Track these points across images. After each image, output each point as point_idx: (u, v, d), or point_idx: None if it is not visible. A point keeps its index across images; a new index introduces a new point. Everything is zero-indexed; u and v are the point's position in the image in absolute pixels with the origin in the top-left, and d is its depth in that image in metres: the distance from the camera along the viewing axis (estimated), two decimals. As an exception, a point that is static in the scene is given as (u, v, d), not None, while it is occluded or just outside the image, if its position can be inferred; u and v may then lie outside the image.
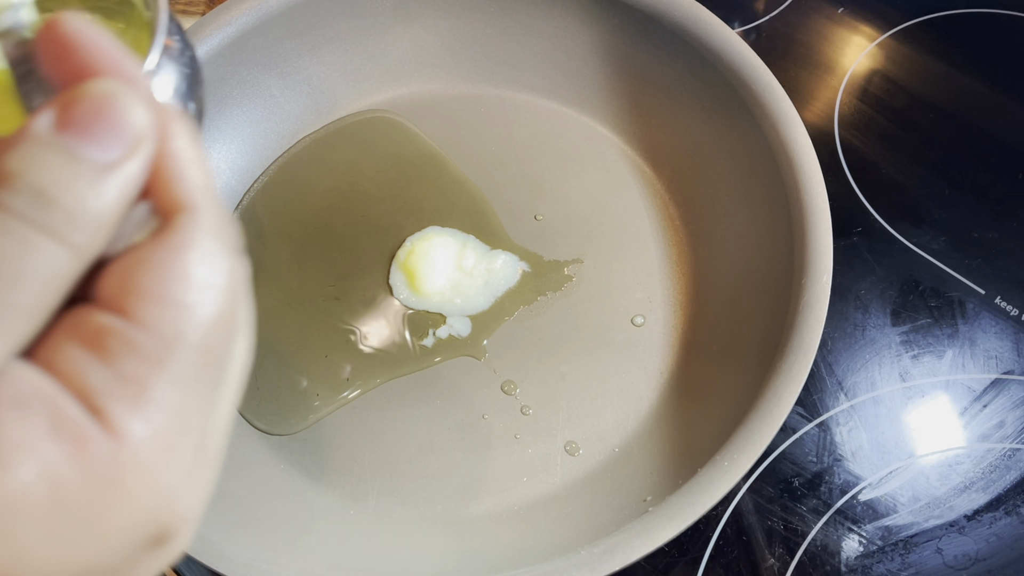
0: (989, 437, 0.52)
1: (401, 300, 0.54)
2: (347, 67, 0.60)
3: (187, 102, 0.33)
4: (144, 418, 0.17)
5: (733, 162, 0.53)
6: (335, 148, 0.59)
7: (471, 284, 0.53)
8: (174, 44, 0.30)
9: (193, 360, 0.18)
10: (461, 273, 0.54)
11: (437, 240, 0.55)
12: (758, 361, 0.45)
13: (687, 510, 0.40)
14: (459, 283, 0.53)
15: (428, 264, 0.53)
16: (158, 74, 0.27)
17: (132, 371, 0.17)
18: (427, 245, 0.54)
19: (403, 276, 0.54)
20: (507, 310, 0.53)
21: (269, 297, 0.54)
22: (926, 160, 0.62)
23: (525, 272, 0.54)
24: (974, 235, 0.58)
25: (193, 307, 0.18)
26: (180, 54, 0.31)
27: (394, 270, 0.55)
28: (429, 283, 0.53)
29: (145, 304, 0.18)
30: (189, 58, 0.33)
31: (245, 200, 0.57)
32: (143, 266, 0.18)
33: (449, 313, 0.53)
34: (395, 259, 0.55)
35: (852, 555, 0.49)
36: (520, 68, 0.60)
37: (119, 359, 0.17)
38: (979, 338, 0.55)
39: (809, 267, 0.45)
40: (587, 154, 0.59)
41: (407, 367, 0.52)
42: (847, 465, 0.51)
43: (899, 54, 0.67)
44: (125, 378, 0.17)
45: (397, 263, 0.55)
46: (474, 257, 0.54)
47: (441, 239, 0.55)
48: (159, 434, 0.18)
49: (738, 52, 0.50)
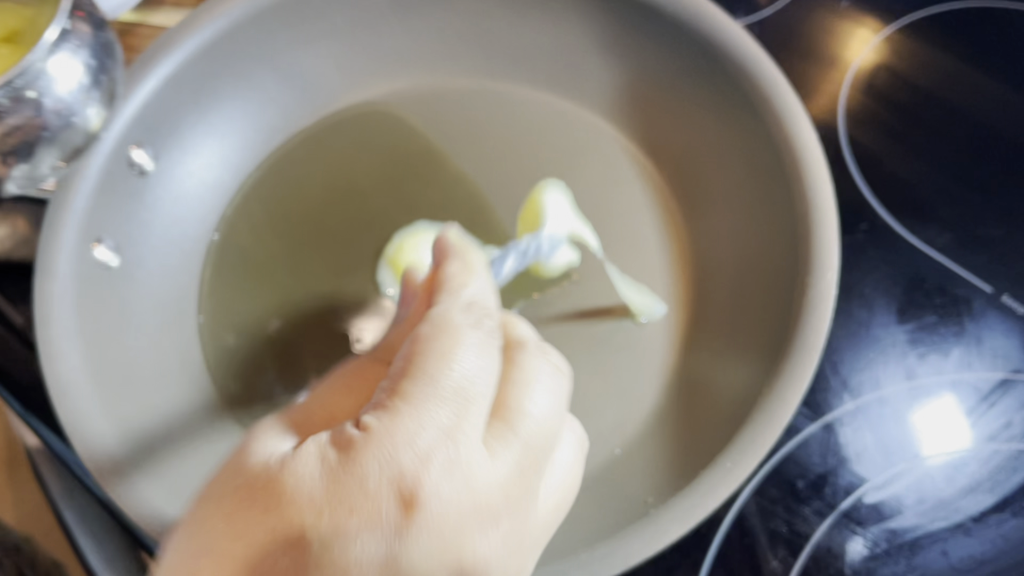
0: (996, 437, 0.51)
1: (390, 297, 0.53)
2: (342, 60, 0.59)
3: (98, 75, 0.34)
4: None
5: (736, 157, 0.52)
6: (330, 143, 0.59)
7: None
8: (84, 19, 0.31)
9: (529, 447, 0.25)
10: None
11: (427, 236, 0.54)
12: (762, 360, 0.44)
13: (689, 513, 0.39)
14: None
15: (417, 259, 0.52)
16: (62, 47, 0.28)
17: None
18: (416, 241, 0.53)
19: (391, 272, 0.53)
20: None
21: (262, 295, 0.53)
22: (932, 156, 0.61)
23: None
24: (981, 232, 0.58)
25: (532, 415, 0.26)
26: (92, 29, 0.32)
27: (382, 266, 0.54)
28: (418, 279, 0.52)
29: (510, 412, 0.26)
30: (100, 33, 0.34)
31: (238, 196, 0.57)
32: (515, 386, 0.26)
33: None
34: (383, 255, 0.54)
35: (857, 558, 0.48)
36: (519, 61, 0.59)
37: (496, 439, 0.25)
38: (986, 336, 0.54)
39: (814, 264, 0.44)
40: (587, 148, 0.58)
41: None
42: (852, 466, 0.50)
43: (905, 48, 0.66)
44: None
45: (385, 259, 0.54)
46: None
47: (431, 234, 0.54)
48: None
49: (742, 45, 0.50)
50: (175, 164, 0.54)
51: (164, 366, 0.50)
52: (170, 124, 0.53)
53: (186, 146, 0.54)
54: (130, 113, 0.50)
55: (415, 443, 0.22)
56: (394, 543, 0.21)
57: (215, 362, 0.51)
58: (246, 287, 0.54)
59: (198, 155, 0.55)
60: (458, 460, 0.23)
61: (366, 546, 0.21)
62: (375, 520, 0.22)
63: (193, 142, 0.54)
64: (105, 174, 0.48)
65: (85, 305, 0.46)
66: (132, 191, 0.51)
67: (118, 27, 0.65)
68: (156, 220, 0.52)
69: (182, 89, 0.52)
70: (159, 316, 0.51)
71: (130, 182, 0.51)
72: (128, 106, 0.50)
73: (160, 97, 0.51)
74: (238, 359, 0.51)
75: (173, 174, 0.54)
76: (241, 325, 0.52)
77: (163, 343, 0.50)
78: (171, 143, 0.53)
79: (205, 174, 0.55)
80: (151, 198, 0.52)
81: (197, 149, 0.55)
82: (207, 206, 0.56)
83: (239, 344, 0.52)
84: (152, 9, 0.66)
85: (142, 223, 0.52)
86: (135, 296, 0.50)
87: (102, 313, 0.47)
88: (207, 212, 0.56)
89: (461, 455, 0.23)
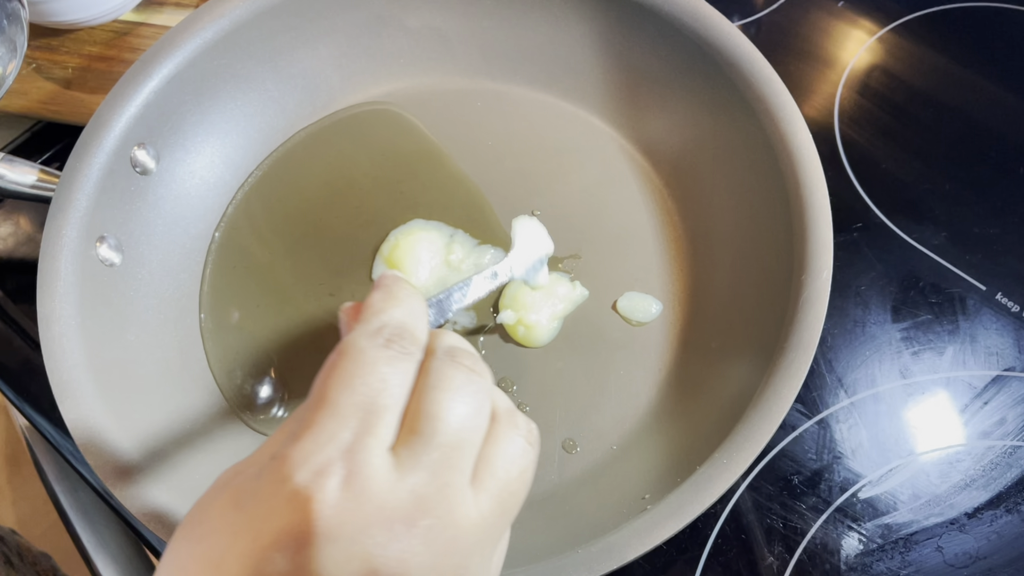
0: (990, 434, 0.52)
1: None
2: (342, 61, 0.59)
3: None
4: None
5: (732, 157, 0.52)
6: (330, 142, 0.59)
7: (457, 280, 0.53)
8: None
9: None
10: (447, 268, 0.53)
11: (422, 234, 0.54)
12: (757, 358, 0.44)
13: (686, 508, 0.39)
14: (444, 278, 0.53)
15: (412, 258, 0.53)
16: None
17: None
18: (412, 240, 0.54)
19: (387, 269, 0.53)
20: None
21: (263, 294, 0.54)
22: (927, 155, 0.61)
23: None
24: (975, 231, 0.58)
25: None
26: None
27: (377, 264, 0.54)
28: (413, 278, 0.52)
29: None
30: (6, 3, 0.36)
31: (239, 195, 0.57)
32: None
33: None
34: (379, 253, 0.54)
35: (852, 553, 0.48)
36: (517, 61, 0.59)
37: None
38: (980, 334, 0.55)
39: (809, 263, 0.44)
40: (585, 149, 0.58)
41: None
42: (847, 463, 0.51)
43: (899, 48, 0.66)
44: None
45: (381, 257, 0.54)
46: (461, 252, 0.54)
47: (426, 233, 0.54)
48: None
49: (738, 46, 0.50)
50: (177, 163, 0.54)
51: (166, 364, 0.50)
52: (172, 124, 0.53)
53: (188, 145, 0.54)
54: (132, 113, 0.50)
55: (310, 462, 0.25)
56: (297, 556, 0.24)
57: (216, 359, 0.52)
58: (247, 285, 0.54)
59: (200, 154, 0.55)
60: (357, 472, 0.25)
61: (276, 563, 0.24)
62: (279, 538, 0.24)
63: (195, 141, 0.55)
64: (107, 173, 0.49)
65: (87, 303, 0.46)
66: (134, 190, 0.51)
67: (120, 26, 0.65)
68: (158, 219, 0.53)
69: (184, 89, 0.53)
70: (161, 314, 0.51)
71: (132, 181, 0.51)
72: (130, 106, 0.50)
73: (162, 97, 0.51)
74: (239, 356, 0.52)
75: (175, 173, 0.54)
76: (242, 323, 0.53)
77: (165, 341, 0.51)
78: (173, 142, 0.53)
79: (206, 173, 0.56)
80: (153, 197, 0.52)
81: (198, 148, 0.55)
82: (208, 205, 0.56)
83: (240, 341, 0.52)
84: (154, 9, 0.66)
85: (144, 222, 0.52)
86: (137, 294, 0.50)
87: (104, 311, 0.48)
88: (208, 211, 0.56)
89: (361, 467, 0.25)
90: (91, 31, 0.65)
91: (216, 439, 0.48)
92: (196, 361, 0.51)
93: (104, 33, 0.65)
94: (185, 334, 0.52)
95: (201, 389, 0.50)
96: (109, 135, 0.49)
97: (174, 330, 0.51)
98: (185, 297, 0.53)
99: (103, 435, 0.42)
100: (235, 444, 0.49)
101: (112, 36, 0.65)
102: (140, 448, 0.43)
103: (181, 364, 0.51)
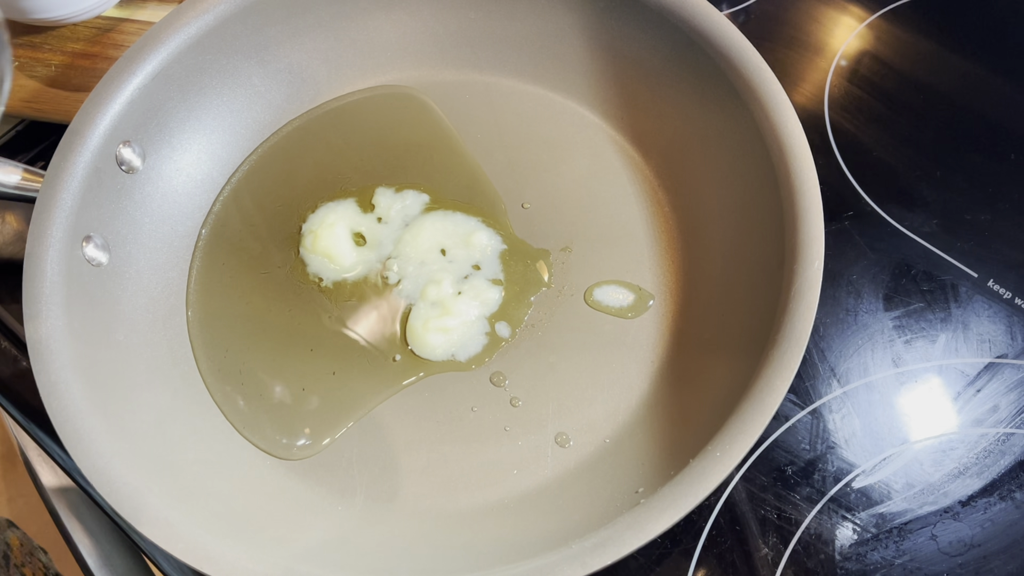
0: (983, 422, 0.52)
1: (326, 277, 0.54)
2: (329, 54, 0.59)
3: None
4: None
5: (722, 146, 0.52)
6: (317, 136, 0.59)
7: (394, 233, 0.54)
8: None
9: None
10: (378, 224, 0.55)
11: (329, 217, 0.55)
12: (750, 349, 0.44)
13: (680, 501, 0.39)
14: (377, 234, 0.54)
15: (332, 238, 0.54)
16: None
17: None
18: (327, 224, 0.54)
19: (321, 259, 0.54)
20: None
21: (255, 289, 0.53)
22: (917, 142, 0.61)
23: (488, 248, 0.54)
24: (966, 217, 0.58)
25: None
26: None
27: (311, 261, 0.54)
28: (343, 256, 0.54)
29: None
30: None
31: (227, 191, 0.56)
32: None
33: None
34: (301, 248, 0.55)
35: (846, 543, 0.48)
36: (505, 53, 0.59)
37: None
38: (972, 322, 0.55)
39: (800, 253, 0.44)
40: (574, 140, 0.58)
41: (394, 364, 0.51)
42: (840, 452, 0.51)
43: (889, 35, 0.66)
44: None
45: (306, 252, 0.55)
46: (384, 202, 0.55)
47: (332, 215, 0.55)
48: None
49: (726, 34, 0.50)
50: (163, 161, 0.53)
51: (154, 362, 0.49)
52: (157, 121, 0.52)
53: (174, 142, 0.54)
54: (117, 110, 0.49)
55: None
56: None
57: (204, 357, 0.51)
58: (234, 281, 0.54)
59: (186, 151, 0.55)
60: None
61: None
62: None
63: (181, 138, 0.54)
64: (93, 172, 0.48)
65: (74, 304, 0.46)
66: (121, 188, 0.51)
67: (103, 23, 0.64)
68: (145, 217, 0.52)
69: (169, 85, 0.52)
70: (150, 313, 0.51)
71: (118, 179, 0.50)
72: (115, 103, 0.49)
73: (147, 94, 0.51)
74: (227, 354, 0.51)
75: (161, 171, 0.53)
76: (230, 320, 0.52)
77: (154, 340, 0.50)
78: (159, 140, 0.53)
79: (193, 170, 0.55)
80: (140, 195, 0.52)
81: (185, 145, 0.55)
82: (195, 202, 0.55)
83: (228, 339, 0.52)
84: (137, 5, 0.66)
85: (131, 220, 0.51)
86: (125, 293, 0.50)
87: (92, 310, 0.47)
88: (195, 208, 0.55)
89: None
90: (74, 28, 0.64)
91: (205, 437, 0.48)
92: (186, 361, 0.51)
93: (87, 30, 0.64)
94: (174, 334, 0.52)
95: (189, 387, 0.50)
96: (94, 133, 0.49)
97: (163, 329, 0.51)
98: (174, 296, 0.53)
99: (91, 437, 0.42)
100: (225, 445, 0.48)
101: (95, 33, 0.64)
102: (129, 450, 0.43)
103: (171, 364, 0.50)
